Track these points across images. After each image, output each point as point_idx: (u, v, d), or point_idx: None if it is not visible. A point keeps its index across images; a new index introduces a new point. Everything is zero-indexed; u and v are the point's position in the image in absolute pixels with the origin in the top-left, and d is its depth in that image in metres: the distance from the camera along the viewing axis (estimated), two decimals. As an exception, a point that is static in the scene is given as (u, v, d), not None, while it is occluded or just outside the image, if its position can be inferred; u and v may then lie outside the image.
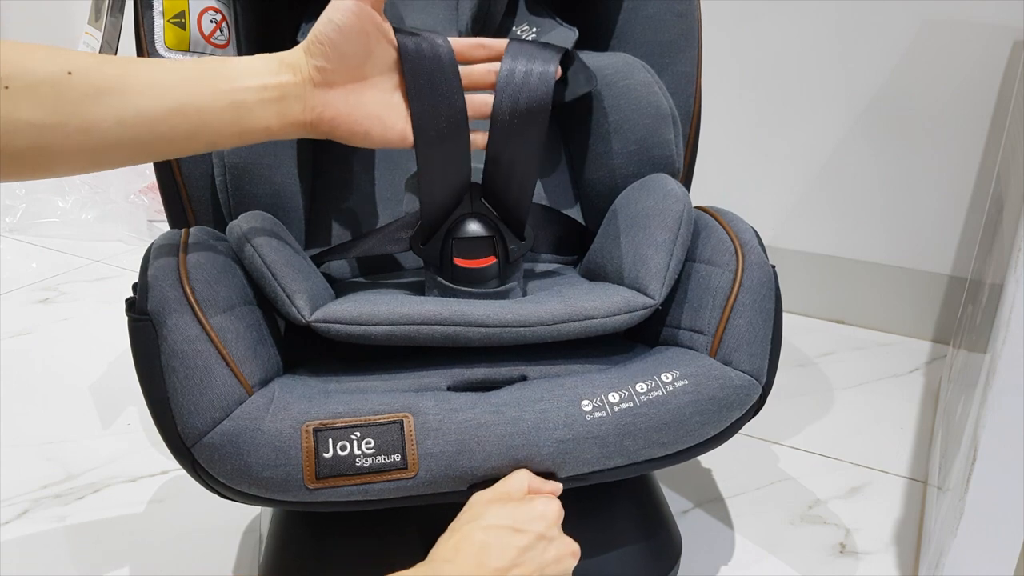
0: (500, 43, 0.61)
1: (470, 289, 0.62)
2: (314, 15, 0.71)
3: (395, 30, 0.57)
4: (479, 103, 0.60)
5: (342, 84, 0.53)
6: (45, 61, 0.45)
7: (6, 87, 0.44)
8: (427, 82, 0.57)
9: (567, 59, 0.66)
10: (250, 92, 0.50)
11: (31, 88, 0.44)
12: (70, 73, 0.46)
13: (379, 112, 0.55)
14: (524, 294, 0.64)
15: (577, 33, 0.74)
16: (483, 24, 0.75)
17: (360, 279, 0.70)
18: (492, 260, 0.62)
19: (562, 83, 0.68)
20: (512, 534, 0.49)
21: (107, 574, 0.71)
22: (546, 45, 0.62)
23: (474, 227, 0.62)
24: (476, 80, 0.60)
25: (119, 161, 0.49)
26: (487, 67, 0.60)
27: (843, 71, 1.13)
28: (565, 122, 0.78)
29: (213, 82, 0.50)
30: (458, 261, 0.62)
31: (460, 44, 0.60)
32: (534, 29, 0.76)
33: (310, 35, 0.53)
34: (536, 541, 0.50)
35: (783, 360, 0.61)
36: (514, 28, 0.77)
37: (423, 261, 0.63)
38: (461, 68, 0.59)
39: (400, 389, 0.56)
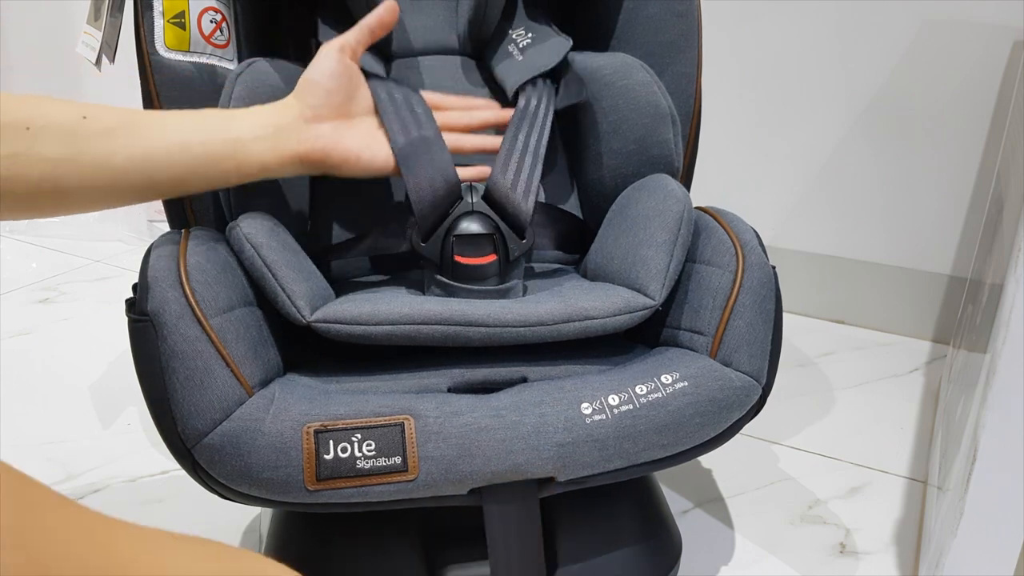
0: (480, 107, 0.69)
1: (471, 287, 0.62)
2: (327, 15, 0.72)
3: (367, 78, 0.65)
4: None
5: (330, 119, 0.60)
6: (63, 108, 0.51)
7: (27, 128, 0.49)
8: (394, 111, 0.64)
9: (560, 68, 0.71)
10: (246, 129, 0.56)
11: (49, 128, 0.50)
12: (85, 117, 0.51)
13: (365, 143, 0.61)
14: (525, 293, 0.64)
15: (571, 43, 0.74)
16: (479, 27, 0.75)
17: (360, 279, 0.70)
18: (493, 258, 0.63)
19: (555, 91, 0.71)
20: None
21: (107, 574, 0.71)
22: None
23: (474, 225, 0.62)
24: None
25: (128, 198, 0.55)
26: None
27: (843, 71, 1.13)
28: (565, 123, 0.78)
29: (214, 122, 0.56)
30: (458, 258, 0.62)
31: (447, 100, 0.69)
32: (530, 35, 0.76)
33: (301, 80, 0.60)
34: None
35: (783, 360, 0.61)
36: (510, 32, 0.77)
37: (423, 259, 0.63)
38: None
39: (401, 390, 0.56)
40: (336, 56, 0.61)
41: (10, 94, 0.50)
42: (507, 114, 0.68)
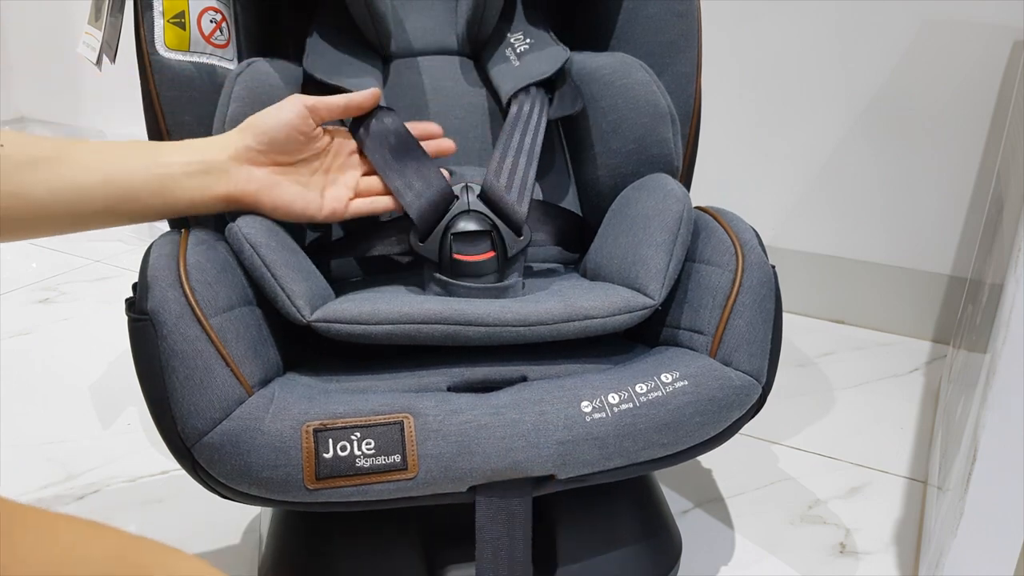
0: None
1: (470, 284, 0.62)
2: (323, 20, 0.72)
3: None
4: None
5: (267, 166, 0.58)
6: None
7: None
8: (381, 145, 0.64)
9: (556, 77, 0.72)
10: (176, 166, 0.55)
11: None
12: (1, 145, 0.49)
13: (301, 190, 0.60)
14: (524, 292, 0.64)
15: (568, 54, 0.75)
16: (477, 27, 0.75)
17: (360, 278, 0.70)
18: (491, 254, 0.63)
19: (549, 100, 0.72)
20: None
21: (107, 574, 0.71)
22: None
23: (472, 224, 0.63)
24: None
25: (49, 230, 0.53)
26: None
27: (843, 71, 1.13)
28: (564, 123, 0.78)
29: (143, 156, 0.54)
30: (457, 256, 0.62)
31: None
32: (528, 40, 0.76)
33: (251, 118, 0.58)
34: None
35: (783, 360, 0.61)
36: (508, 35, 0.77)
37: (423, 258, 0.63)
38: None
39: (400, 389, 0.56)
40: (301, 111, 0.58)
41: None
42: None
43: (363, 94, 0.63)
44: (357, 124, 0.65)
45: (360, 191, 0.64)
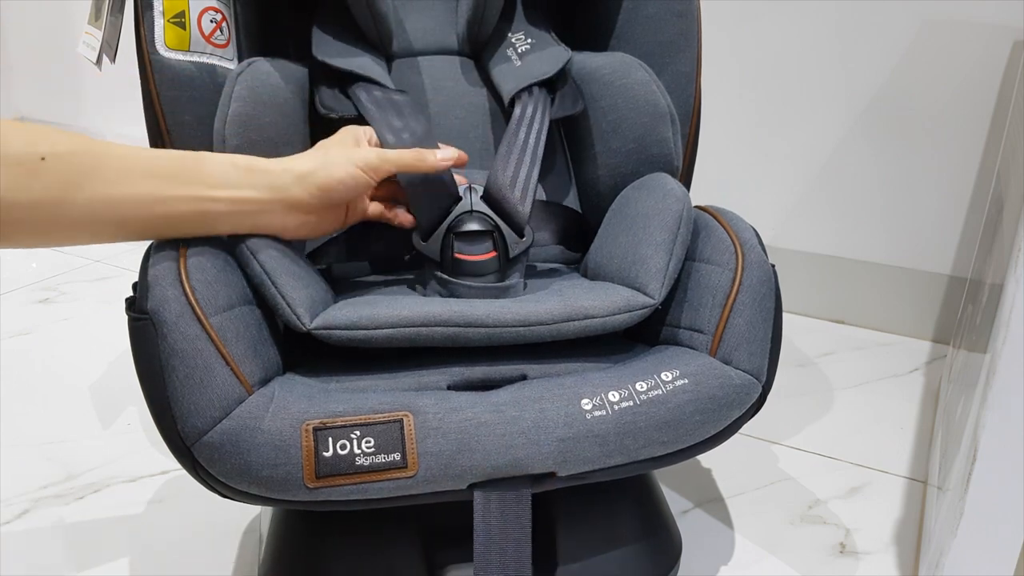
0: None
1: (471, 283, 0.62)
2: (324, 19, 0.72)
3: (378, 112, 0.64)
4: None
5: (317, 213, 0.58)
6: (20, 142, 0.47)
7: None
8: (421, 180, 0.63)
9: (557, 78, 0.72)
10: (222, 203, 0.53)
11: (4, 169, 0.46)
12: (43, 159, 0.47)
13: (340, 220, 0.62)
14: (525, 291, 0.64)
15: (570, 54, 0.75)
16: (477, 27, 0.75)
17: (360, 278, 0.70)
18: (493, 254, 0.63)
19: (550, 101, 0.72)
20: None
21: (107, 574, 0.71)
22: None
23: (474, 223, 0.63)
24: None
25: (83, 240, 0.51)
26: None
27: (843, 71, 1.13)
28: (565, 123, 0.78)
29: (189, 185, 0.52)
30: (459, 255, 0.63)
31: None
32: (529, 40, 0.76)
33: (314, 172, 0.55)
34: None
35: (783, 360, 0.61)
36: (509, 35, 0.77)
37: (424, 258, 0.63)
38: None
39: (400, 388, 0.56)
40: (355, 174, 0.57)
41: None
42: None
43: (435, 155, 0.61)
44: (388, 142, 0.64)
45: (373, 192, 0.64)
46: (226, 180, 0.53)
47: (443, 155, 0.61)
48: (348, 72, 0.68)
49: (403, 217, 0.65)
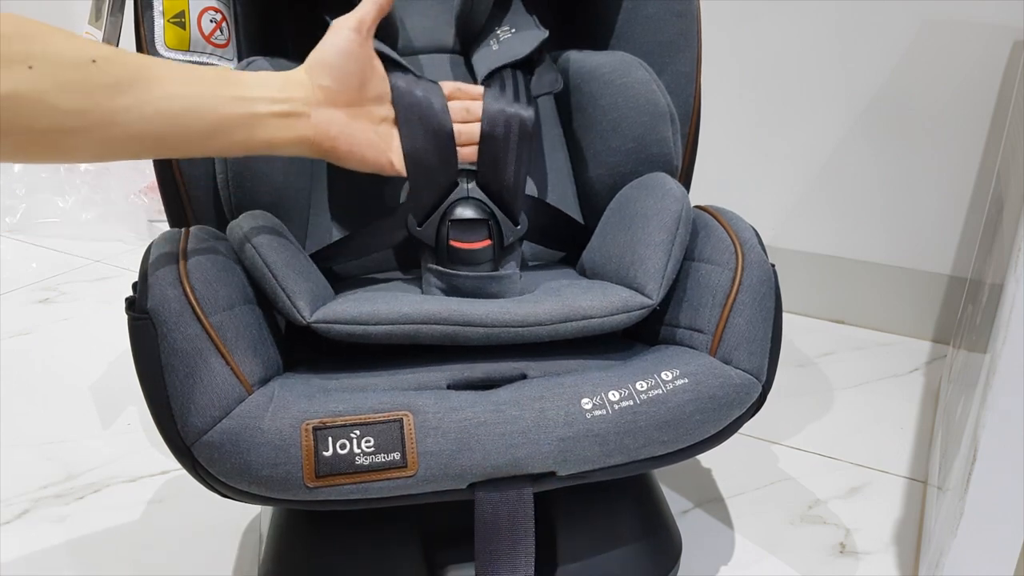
0: (477, 89, 0.67)
1: (467, 272, 0.62)
2: (334, 8, 0.72)
3: (387, 70, 0.62)
4: (465, 135, 0.64)
5: (343, 106, 0.57)
6: (68, 46, 0.46)
7: (30, 67, 0.44)
8: (418, 119, 0.61)
9: (535, 57, 0.72)
10: (263, 103, 0.52)
11: (55, 72, 0.45)
12: (94, 61, 0.46)
13: (374, 138, 0.59)
14: (521, 285, 0.64)
15: (547, 34, 0.74)
16: (465, 22, 0.75)
17: (361, 275, 0.70)
18: (487, 243, 0.63)
19: (527, 81, 0.71)
20: None
21: (107, 574, 0.71)
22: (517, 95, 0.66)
23: (469, 211, 0.63)
24: (456, 116, 0.65)
25: (133, 153, 0.50)
26: (464, 104, 0.65)
27: (843, 71, 1.13)
28: (564, 121, 0.78)
29: (231, 88, 0.52)
30: (454, 243, 0.63)
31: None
32: (512, 30, 0.76)
33: (312, 57, 0.56)
34: None
35: (783, 360, 0.61)
36: (496, 29, 0.77)
37: (420, 246, 0.63)
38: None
39: (400, 387, 0.56)
40: (351, 36, 0.57)
41: (12, 16, 0.44)
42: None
43: None
44: (401, 89, 0.63)
45: None
46: (262, 83, 0.53)
47: None
48: None
49: None
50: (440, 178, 0.63)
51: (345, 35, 0.57)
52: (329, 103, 0.56)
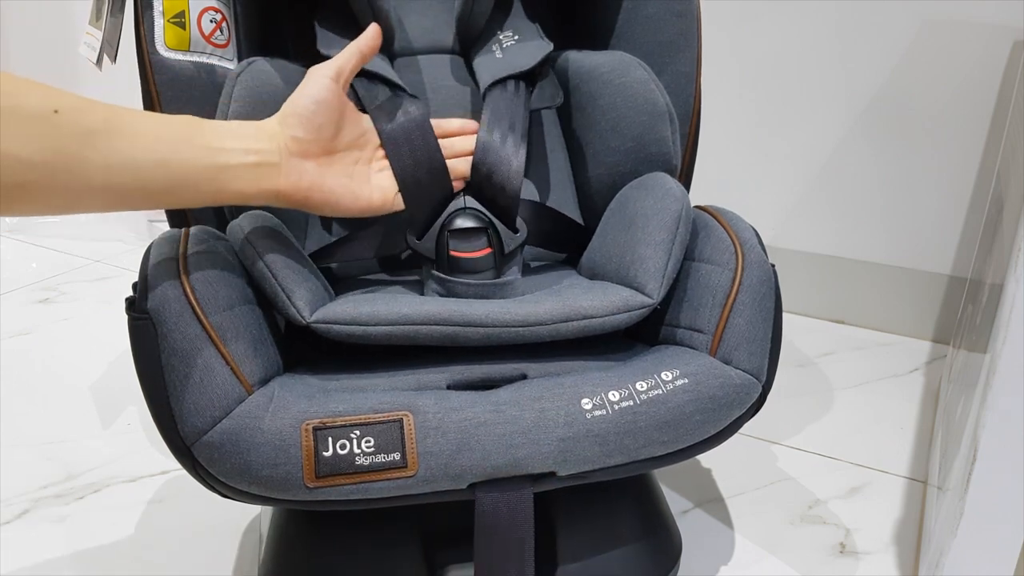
0: (473, 124, 0.67)
1: (468, 280, 0.62)
2: (324, 19, 0.72)
3: (375, 94, 0.63)
4: (460, 170, 0.65)
5: (315, 156, 0.56)
6: (33, 96, 0.45)
7: None
8: (404, 139, 0.62)
9: (537, 71, 0.72)
10: (234, 154, 0.52)
11: (18, 121, 0.44)
12: (56, 111, 0.45)
13: (348, 183, 0.58)
14: (523, 290, 0.64)
15: (551, 46, 0.74)
16: (465, 23, 0.75)
17: (360, 277, 0.70)
18: (488, 251, 0.63)
19: (529, 93, 0.71)
20: None
21: (107, 574, 0.71)
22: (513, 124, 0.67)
23: (468, 221, 0.63)
24: (457, 150, 0.65)
25: (97, 206, 0.49)
26: (465, 139, 0.65)
27: (843, 71, 1.13)
28: (564, 121, 0.78)
29: (200, 139, 0.51)
30: (454, 253, 0.63)
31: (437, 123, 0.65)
32: (515, 37, 0.76)
33: (286, 107, 0.55)
34: None
35: (783, 360, 0.61)
36: (499, 33, 0.77)
37: (421, 256, 0.63)
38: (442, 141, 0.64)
39: (400, 388, 0.56)
40: (328, 84, 0.56)
41: None
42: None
43: (366, 35, 0.60)
44: (380, 113, 0.63)
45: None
46: (232, 133, 0.53)
47: (371, 28, 0.61)
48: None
49: None
50: (435, 194, 0.63)
51: (322, 84, 0.56)
52: (301, 154, 0.55)
